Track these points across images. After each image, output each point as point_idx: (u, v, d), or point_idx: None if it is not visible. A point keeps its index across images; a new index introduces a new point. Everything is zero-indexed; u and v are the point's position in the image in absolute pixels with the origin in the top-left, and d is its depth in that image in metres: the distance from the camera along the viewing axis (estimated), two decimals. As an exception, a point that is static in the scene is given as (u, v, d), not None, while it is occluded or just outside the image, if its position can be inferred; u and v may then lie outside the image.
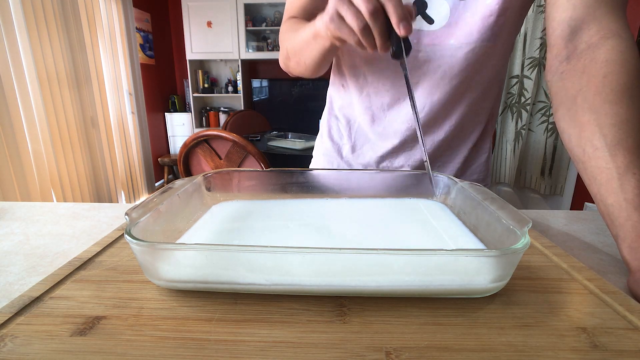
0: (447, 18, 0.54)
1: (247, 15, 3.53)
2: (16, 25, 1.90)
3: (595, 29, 0.43)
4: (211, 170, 0.52)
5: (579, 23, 0.44)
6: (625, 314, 0.29)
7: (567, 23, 0.45)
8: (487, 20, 0.53)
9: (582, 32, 0.44)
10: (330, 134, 0.73)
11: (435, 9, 0.54)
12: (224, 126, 2.66)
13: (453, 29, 0.54)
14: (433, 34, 0.56)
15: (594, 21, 0.43)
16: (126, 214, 0.33)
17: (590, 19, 0.44)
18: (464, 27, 0.54)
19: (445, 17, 0.54)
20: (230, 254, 0.30)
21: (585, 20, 0.44)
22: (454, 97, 0.60)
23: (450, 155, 0.67)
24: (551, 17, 0.47)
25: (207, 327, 0.28)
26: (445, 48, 0.56)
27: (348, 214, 0.49)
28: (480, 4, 0.52)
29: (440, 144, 0.65)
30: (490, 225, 0.38)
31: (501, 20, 0.53)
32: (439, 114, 0.62)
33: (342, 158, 0.72)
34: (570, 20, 0.45)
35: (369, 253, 0.29)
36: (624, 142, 0.38)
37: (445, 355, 0.25)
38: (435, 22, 0.54)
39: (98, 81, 2.63)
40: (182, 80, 4.00)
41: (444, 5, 0.53)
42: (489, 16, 0.53)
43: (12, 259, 0.42)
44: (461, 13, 0.54)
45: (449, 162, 0.68)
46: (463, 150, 0.67)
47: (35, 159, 2.04)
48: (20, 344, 0.26)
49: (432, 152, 0.65)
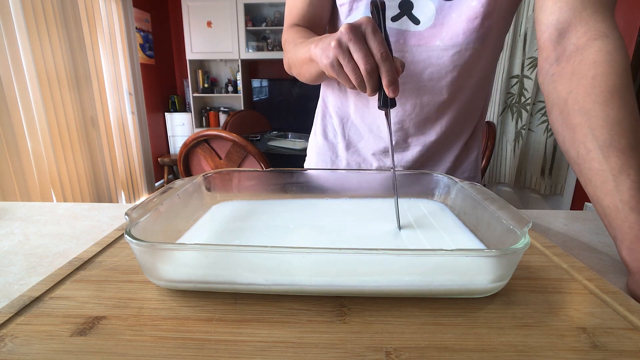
0: (433, 19, 0.54)
1: (247, 15, 3.53)
2: (16, 25, 1.90)
3: (582, 30, 0.44)
4: (211, 170, 0.52)
5: (566, 25, 0.45)
6: (625, 314, 0.29)
7: (555, 26, 0.46)
8: (472, 22, 0.53)
9: (569, 34, 0.45)
10: (325, 133, 0.73)
11: (421, 9, 0.54)
12: (224, 126, 2.66)
13: (439, 29, 0.55)
14: (419, 35, 0.56)
15: (581, 23, 0.44)
16: (126, 214, 0.33)
17: (577, 20, 0.44)
18: (449, 29, 0.54)
19: (431, 18, 0.54)
20: (230, 254, 0.30)
21: (573, 22, 0.45)
22: (444, 98, 0.60)
23: (441, 155, 0.68)
24: (539, 20, 0.48)
25: (207, 327, 0.28)
26: (432, 49, 0.56)
27: (348, 214, 0.49)
28: (465, 6, 0.53)
29: (431, 145, 0.65)
30: (490, 225, 0.38)
31: (487, 22, 0.54)
32: (429, 115, 0.62)
33: (337, 156, 0.72)
34: (557, 23, 0.46)
35: (369, 253, 0.29)
36: (617, 143, 0.38)
37: (445, 355, 0.25)
38: (421, 23, 0.55)
39: (98, 81, 2.63)
40: (182, 80, 4.00)
41: (429, 6, 0.54)
42: (474, 18, 0.53)
43: (12, 259, 0.42)
44: (447, 14, 0.54)
45: (440, 161, 0.68)
46: (454, 150, 0.68)
47: (35, 159, 2.04)
48: (20, 344, 0.26)
49: (424, 153, 0.66)
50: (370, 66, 0.38)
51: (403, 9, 0.55)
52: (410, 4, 0.54)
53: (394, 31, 0.57)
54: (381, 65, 0.39)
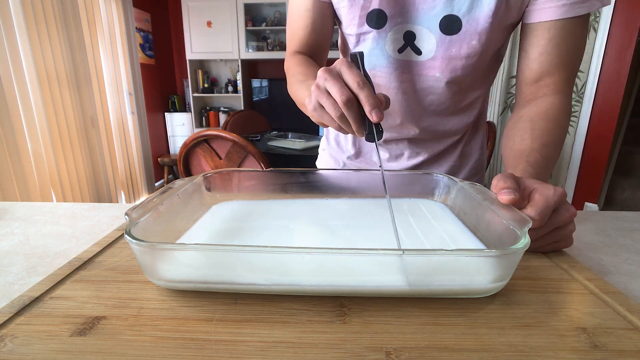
0: (434, 52, 0.57)
1: (247, 15, 3.53)
2: (16, 26, 1.90)
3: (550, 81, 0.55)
4: (211, 170, 0.52)
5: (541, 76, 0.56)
6: (625, 314, 0.29)
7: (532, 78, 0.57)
8: (471, 59, 0.57)
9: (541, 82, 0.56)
10: (337, 139, 0.76)
11: (423, 40, 0.57)
12: (224, 126, 2.66)
13: (439, 62, 0.58)
14: (421, 65, 0.59)
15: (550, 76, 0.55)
16: (126, 214, 0.33)
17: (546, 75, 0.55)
18: (449, 63, 0.58)
19: (432, 51, 0.57)
20: (230, 254, 0.30)
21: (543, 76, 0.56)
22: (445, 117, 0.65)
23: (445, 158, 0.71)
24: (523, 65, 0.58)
25: (207, 327, 0.28)
26: (432, 79, 0.60)
27: (348, 214, 0.49)
28: (465, 44, 0.56)
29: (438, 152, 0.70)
30: (490, 225, 0.38)
31: (483, 57, 0.58)
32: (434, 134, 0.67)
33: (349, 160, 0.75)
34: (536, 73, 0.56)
35: (369, 253, 0.29)
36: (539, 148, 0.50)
37: (445, 355, 0.25)
38: (423, 54, 0.58)
39: (98, 81, 2.63)
40: (182, 80, 4.00)
41: (431, 39, 0.57)
42: (473, 56, 0.57)
43: (12, 259, 0.42)
44: (447, 48, 0.57)
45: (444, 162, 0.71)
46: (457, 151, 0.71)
47: (35, 159, 2.04)
48: (20, 344, 0.26)
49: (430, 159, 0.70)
50: (347, 96, 0.38)
51: (407, 40, 0.58)
52: (413, 35, 0.57)
53: (400, 62, 0.60)
54: (359, 94, 0.38)
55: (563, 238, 0.39)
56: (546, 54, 0.54)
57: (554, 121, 0.52)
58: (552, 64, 0.54)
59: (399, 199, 0.53)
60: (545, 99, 0.54)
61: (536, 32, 0.54)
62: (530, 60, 0.56)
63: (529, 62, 0.56)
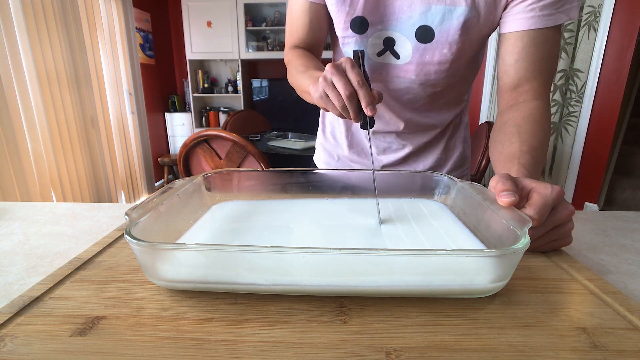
0: (410, 57, 0.63)
1: (247, 15, 3.53)
2: (16, 26, 1.90)
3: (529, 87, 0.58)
4: (211, 170, 0.52)
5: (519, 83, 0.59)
6: (625, 314, 0.29)
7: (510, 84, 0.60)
8: (443, 66, 0.62)
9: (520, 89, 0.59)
10: (333, 133, 0.80)
11: (402, 46, 0.63)
12: (224, 126, 2.66)
13: (414, 66, 0.63)
14: (399, 68, 0.65)
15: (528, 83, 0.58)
16: (126, 214, 0.33)
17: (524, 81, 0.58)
18: (423, 68, 0.63)
19: (408, 56, 0.63)
20: (230, 254, 0.30)
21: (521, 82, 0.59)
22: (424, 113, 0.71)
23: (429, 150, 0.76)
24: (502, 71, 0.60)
25: (207, 327, 0.28)
26: (408, 81, 0.66)
27: (348, 214, 0.49)
28: (437, 52, 0.61)
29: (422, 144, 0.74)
30: (490, 225, 0.38)
31: (456, 64, 0.62)
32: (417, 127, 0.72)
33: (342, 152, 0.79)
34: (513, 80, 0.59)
35: (369, 253, 0.29)
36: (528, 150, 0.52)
37: (445, 355, 0.25)
38: (401, 58, 0.64)
39: (98, 81, 2.63)
40: (182, 80, 4.00)
41: (408, 45, 0.62)
42: (445, 62, 0.62)
43: (12, 259, 0.42)
44: (421, 55, 0.62)
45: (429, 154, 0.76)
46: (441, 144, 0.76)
47: (35, 159, 2.04)
48: (20, 344, 0.26)
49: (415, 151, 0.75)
50: (349, 92, 0.47)
51: (386, 45, 0.64)
52: (392, 41, 0.63)
53: (378, 65, 0.66)
54: (359, 91, 0.47)
55: (562, 236, 0.39)
56: (521, 60, 0.57)
57: (538, 125, 0.55)
58: (528, 70, 0.57)
59: (399, 198, 0.53)
60: (526, 105, 0.57)
61: (510, 40, 0.58)
62: (508, 66, 0.59)
63: (506, 69, 0.59)
